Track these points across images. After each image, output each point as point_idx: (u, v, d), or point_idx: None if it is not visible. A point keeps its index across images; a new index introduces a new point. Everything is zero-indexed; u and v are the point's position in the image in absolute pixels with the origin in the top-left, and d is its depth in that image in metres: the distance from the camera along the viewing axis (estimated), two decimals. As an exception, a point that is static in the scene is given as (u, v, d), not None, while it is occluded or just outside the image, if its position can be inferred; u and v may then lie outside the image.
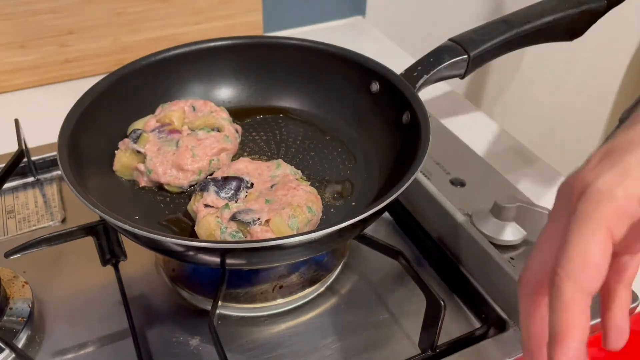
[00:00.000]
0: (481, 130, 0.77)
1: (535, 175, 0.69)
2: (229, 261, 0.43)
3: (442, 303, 0.44)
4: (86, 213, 0.47)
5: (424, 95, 0.55)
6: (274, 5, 0.93)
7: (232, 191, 0.50)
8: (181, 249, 0.42)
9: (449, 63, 0.57)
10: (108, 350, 0.49)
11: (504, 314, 0.50)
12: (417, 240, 0.59)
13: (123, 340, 0.49)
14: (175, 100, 0.60)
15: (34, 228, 0.59)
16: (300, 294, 0.52)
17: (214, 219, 0.48)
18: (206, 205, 0.49)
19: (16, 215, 0.61)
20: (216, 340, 0.43)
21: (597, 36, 0.90)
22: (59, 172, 0.66)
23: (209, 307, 0.47)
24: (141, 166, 0.54)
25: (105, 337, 0.49)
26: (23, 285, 0.52)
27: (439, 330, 0.45)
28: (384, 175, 0.55)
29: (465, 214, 0.55)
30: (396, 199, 0.44)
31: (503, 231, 0.55)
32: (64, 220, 0.60)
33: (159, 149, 0.55)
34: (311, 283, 0.53)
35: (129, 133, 0.56)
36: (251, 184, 0.51)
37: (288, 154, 0.59)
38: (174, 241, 0.41)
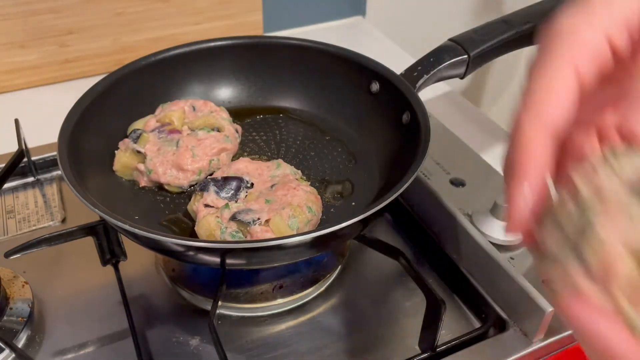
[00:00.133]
0: (481, 130, 0.77)
1: (535, 175, 0.69)
2: (229, 261, 0.43)
3: (442, 303, 0.44)
4: (86, 213, 0.48)
5: (424, 95, 0.55)
6: (274, 5, 0.93)
7: (232, 191, 0.50)
8: (181, 249, 0.42)
9: (449, 63, 0.57)
10: (108, 350, 0.49)
11: (504, 314, 0.50)
12: (417, 240, 0.59)
13: (123, 340, 0.49)
14: (175, 100, 0.60)
15: (34, 228, 0.59)
16: (300, 294, 0.52)
17: (214, 219, 0.48)
18: (206, 205, 0.49)
19: (16, 215, 0.61)
20: (216, 340, 0.43)
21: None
22: (59, 172, 0.66)
23: (209, 307, 0.47)
24: (141, 166, 0.54)
25: (105, 337, 0.49)
26: (23, 285, 0.52)
27: (439, 330, 0.45)
28: (384, 175, 0.55)
29: (465, 214, 0.55)
30: (396, 199, 0.44)
31: (503, 231, 0.55)
32: (64, 220, 0.60)
33: (159, 149, 0.55)
34: (311, 283, 0.53)
35: (129, 133, 0.56)
36: (251, 184, 0.51)
37: (288, 154, 0.59)
38: (174, 241, 0.41)
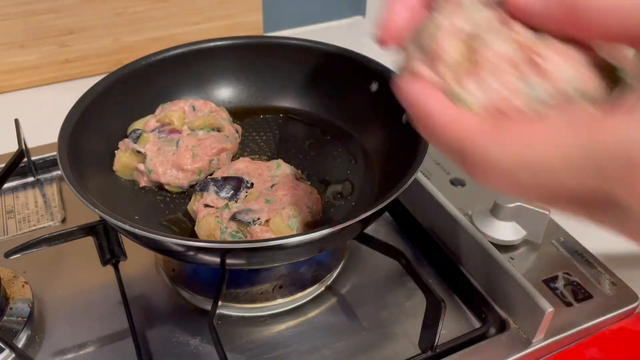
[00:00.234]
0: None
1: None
2: (229, 261, 0.43)
3: (442, 303, 0.44)
4: (86, 213, 0.47)
5: (424, 95, 0.55)
6: (274, 5, 0.93)
7: (232, 191, 0.50)
8: (181, 249, 0.42)
9: (449, 63, 0.57)
10: (108, 350, 0.49)
11: (504, 314, 0.50)
12: (417, 240, 0.59)
13: (123, 340, 0.49)
14: (175, 100, 0.60)
15: (34, 228, 0.59)
16: (300, 294, 0.52)
17: (214, 219, 0.48)
18: (206, 205, 0.49)
19: (16, 215, 0.61)
20: (216, 340, 0.43)
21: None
22: (59, 172, 0.65)
23: (209, 307, 0.47)
24: (141, 166, 0.54)
25: (105, 337, 0.49)
26: (23, 285, 0.52)
27: (439, 330, 0.45)
28: (384, 175, 0.55)
29: (465, 214, 0.55)
30: (396, 199, 0.44)
31: (503, 231, 0.55)
32: (64, 220, 0.60)
33: (159, 149, 0.55)
34: (311, 283, 0.53)
35: (129, 133, 0.56)
36: (251, 184, 0.51)
37: (288, 154, 0.59)
38: (174, 241, 0.41)
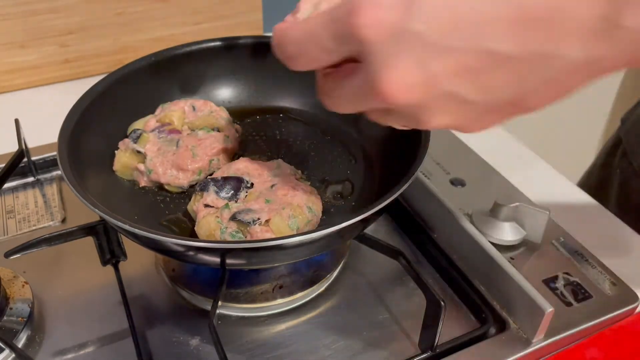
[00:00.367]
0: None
1: (535, 175, 0.69)
2: (229, 261, 0.43)
3: (442, 303, 0.44)
4: (86, 213, 0.47)
5: (424, 95, 0.55)
6: (274, 5, 0.93)
7: (232, 191, 0.50)
8: (181, 249, 0.42)
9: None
10: (108, 350, 0.49)
11: (504, 314, 0.50)
12: (417, 240, 0.59)
13: (123, 340, 0.49)
14: (175, 100, 0.60)
15: (34, 228, 0.59)
16: (300, 294, 0.52)
17: (214, 219, 0.48)
18: (206, 205, 0.49)
19: (16, 215, 0.61)
20: (216, 340, 0.43)
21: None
22: (59, 172, 0.66)
23: (209, 307, 0.47)
24: (141, 166, 0.54)
25: (105, 337, 0.49)
26: (23, 285, 0.52)
27: (439, 330, 0.45)
28: (384, 175, 0.55)
29: (465, 214, 0.55)
30: (396, 199, 0.44)
31: (503, 231, 0.55)
32: (64, 220, 0.60)
33: (159, 149, 0.55)
34: (311, 283, 0.53)
35: (129, 133, 0.56)
36: (251, 184, 0.51)
37: (288, 154, 0.59)
38: (174, 241, 0.41)
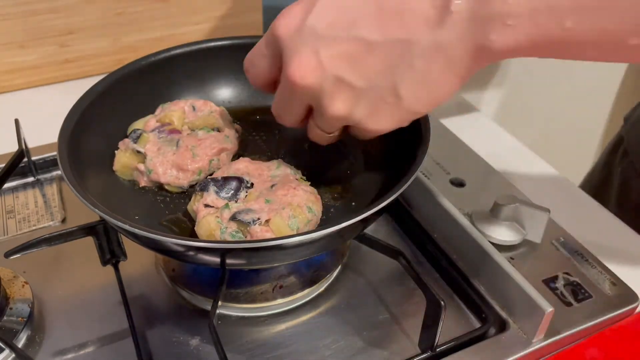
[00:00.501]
0: (481, 130, 0.77)
1: (535, 175, 0.69)
2: (229, 261, 0.43)
3: (442, 303, 0.44)
4: (86, 213, 0.47)
5: (424, 95, 0.55)
6: (274, 5, 0.93)
7: (232, 191, 0.50)
8: (181, 249, 0.42)
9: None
10: (108, 350, 0.49)
11: (504, 314, 0.50)
12: (417, 240, 0.59)
13: (123, 340, 0.49)
14: (175, 100, 0.60)
15: (34, 228, 0.59)
16: (300, 294, 0.52)
17: (214, 219, 0.48)
18: (206, 205, 0.49)
19: (16, 215, 0.61)
20: (216, 340, 0.43)
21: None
22: (59, 172, 0.66)
23: (209, 307, 0.47)
24: (141, 166, 0.54)
25: (105, 337, 0.49)
26: (23, 285, 0.52)
27: (439, 330, 0.45)
28: (384, 175, 0.55)
29: (465, 214, 0.55)
30: (396, 199, 0.44)
31: (503, 231, 0.55)
32: (64, 220, 0.60)
33: (159, 149, 0.55)
34: (311, 283, 0.53)
35: (129, 133, 0.56)
36: (251, 184, 0.51)
37: (288, 154, 0.59)
38: (174, 241, 0.41)
